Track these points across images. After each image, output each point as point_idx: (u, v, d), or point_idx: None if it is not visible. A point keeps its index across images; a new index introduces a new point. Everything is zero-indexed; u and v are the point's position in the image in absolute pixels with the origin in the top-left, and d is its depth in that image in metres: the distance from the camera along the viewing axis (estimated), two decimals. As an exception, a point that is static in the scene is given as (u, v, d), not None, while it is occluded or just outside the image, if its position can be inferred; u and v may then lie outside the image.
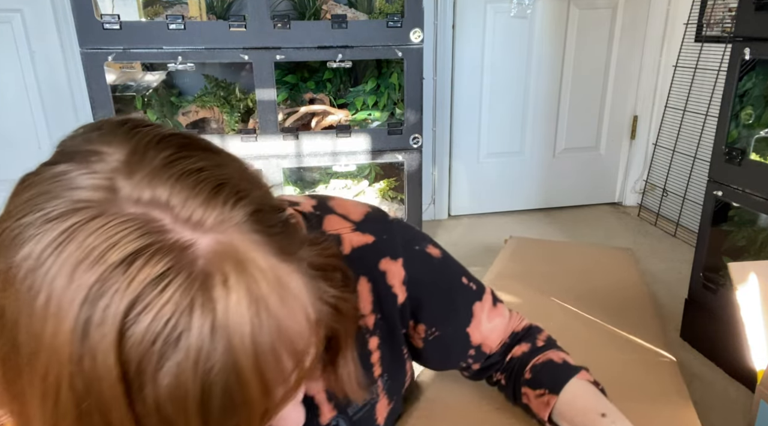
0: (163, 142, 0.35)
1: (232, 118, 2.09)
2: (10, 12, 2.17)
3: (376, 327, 0.60)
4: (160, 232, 0.31)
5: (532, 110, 2.73)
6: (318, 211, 0.58)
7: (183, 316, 0.30)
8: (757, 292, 1.01)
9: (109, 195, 0.32)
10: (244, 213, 0.34)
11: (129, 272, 0.30)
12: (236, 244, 0.33)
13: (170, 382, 0.30)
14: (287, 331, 0.33)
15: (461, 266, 0.67)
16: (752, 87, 1.48)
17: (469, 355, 0.67)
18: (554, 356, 0.67)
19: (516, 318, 0.72)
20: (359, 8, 2.14)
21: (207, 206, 0.33)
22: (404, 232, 0.61)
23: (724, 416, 1.40)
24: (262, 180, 0.40)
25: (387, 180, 2.32)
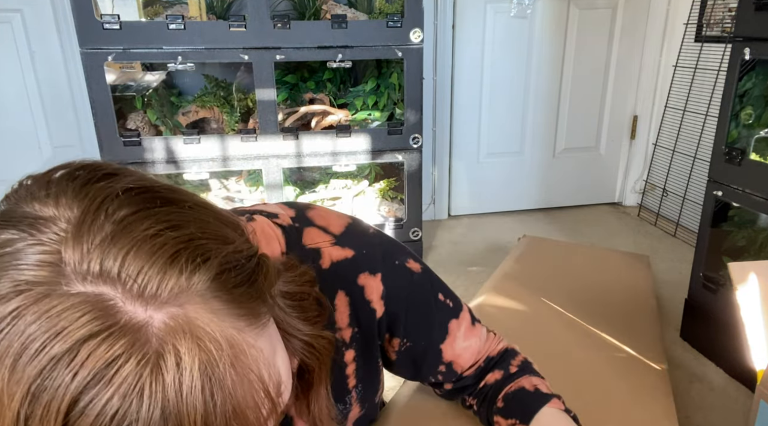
0: (117, 201, 0.33)
1: (232, 118, 2.09)
2: (10, 12, 2.17)
3: (353, 340, 0.60)
4: (109, 315, 0.29)
5: (532, 110, 2.73)
6: (297, 223, 0.57)
7: (131, 407, 0.28)
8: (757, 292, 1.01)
9: (55, 272, 0.30)
10: (205, 279, 0.32)
11: (74, 363, 0.28)
12: (192, 316, 0.31)
13: None
14: (243, 411, 0.32)
15: (440, 282, 0.67)
16: (752, 87, 1.47)
17: (440, 371, 0.67)
18: (526, 383, 0.66)
19: (493, 341, 0.71)
20: (359, 8, 2.14)
21: (163, 277, 0.31)
22: (384, 246, 0.60)
23: (724, 416, 1.40)
24: (232, 227, 0.37)
25: (387, 180, 2.32)
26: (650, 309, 1.40)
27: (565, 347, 1.12)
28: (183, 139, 1.88)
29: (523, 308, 1.29)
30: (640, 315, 1.36)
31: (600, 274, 1.61)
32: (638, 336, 1.21)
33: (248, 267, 0.36)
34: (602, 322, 1.26)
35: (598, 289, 1.48)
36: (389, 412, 0.78)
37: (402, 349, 0.63)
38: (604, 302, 1.38)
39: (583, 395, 0.91)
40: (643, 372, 1.07)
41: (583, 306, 1.33)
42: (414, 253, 0.66)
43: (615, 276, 1.61)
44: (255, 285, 0.36)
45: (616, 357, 1.12)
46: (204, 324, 0.31)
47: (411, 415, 0.76)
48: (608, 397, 0.95)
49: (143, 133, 2.01)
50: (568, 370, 1.00)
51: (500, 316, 1.24)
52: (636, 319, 1.33)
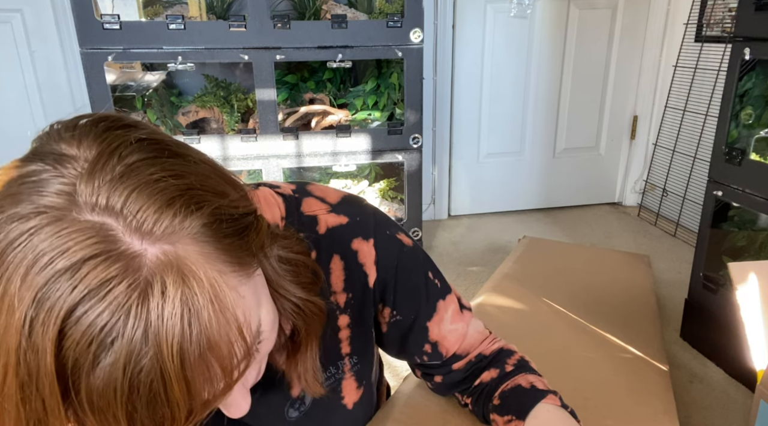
0: (129, 148, 0.37)
1: (232, 118, 2.09)
2: (10, 12, 2.17)
3: (347, 306, 0.62)
4: (109, 242, 0.34)
5: (532, 110, 2.73)
6: (297, 194, 0.61)
7: (118, 323, 0.33)
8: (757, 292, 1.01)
9: (68, 200, 0.34)
10: (196, 224, 0.36)
11: (74, 278, 0.32)
12: (182, 255, 0.35)
13: (101, 379, 0.33)
14: (217, 344, 0.36)
15: (430, 262, 0.69)
16: (752, 87, 1.48)
17: (425, 351, 0.68)
18: (522, 381, 0.67)
19: (487, 339, 0.72)
20: (359, 8, 2.14)
21: (159, 217, 0.35)
22: (378, 216, 0.64)
23: (724, 416, 1.40)
24: (232, 185, 0.41)
25: (387, 180, 2.32)
26: (650, 309, 1.40)
27: (565, 345, 1.12)
28: (183, 139, 1.88)
29: (523, 307, 1.29)
30: (641, 315, 1.36)
31: (600, 275, 1.61)
32: (638, 336, 1.21)
33: (241, 222, 0.40)
34: (602, 321, 1.26)
35: (599, 289, 1.48)
36: (391, 406, 0.78)
37: (392, 321, 0.65)
38: (604, 302, 1.38)
39: (583, 392, 0.91)
40: (644, 370, 1.07)
41: (584, 306, 1.33)
42: (406, 230, 0.68)
43: (615, 276, 1.61)
44: (245, 239, 0.39)
45: (617, 355, 1.12)
46: (191, 262, 0.35)
47: (411, 411, 0.76)
48: (608, 395, 0.95)
49: (143, 133, 2.00)
50: (568, 368, 1.00)
51: (500, 315, 1.24)
52: (636, 319, 1.33)
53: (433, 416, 0.75)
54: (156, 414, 0.35)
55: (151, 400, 0.34)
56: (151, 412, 0.34)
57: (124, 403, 0.33)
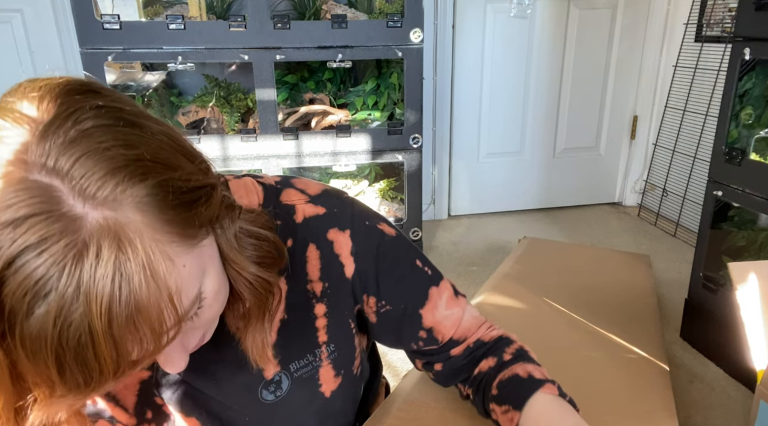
0: (86, 114, 0.38)
1: (232, 118, 2.09)
2: (10, 12, 2.17)
3: (324, 295, 0.63)
4: (53, 202, 0.35)
5: (532, 110, 2.73)
6: (279, 185, 0.63)
7: (52, 278, 0.35)
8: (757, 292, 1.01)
9: (21, 160, 0.36)
10: (139, 194, 0.38)
11: (16, 232, 0.35)
12: (121, 221, 0.37)
13: (34, 327, 0.35)
14: (146, 308, 0.38)
15: (418, 251, 0.69)
16: (752, 87, 1.48)
17: (420, 337, 0.68)
18: (520, 370, 0.66)
19: (484, 326, 0.72)
20: (359, 8, 2.14)
21: (103, 184, 0.37)
22: (357, 208, 0.64)
23: (724, 416, 1.40)
24: (189, 158, 0.43)
25: (387, 180, 2.32)
26: (651, 309, 1.40)
27: (565, 344, 1.13)
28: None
29: (523, 307, 1.29)
30: (641, 315, 1.35)
31: (600, 275, 1.61)
32: (639, 335, 1.21)
33: (190, 195, 0.41)
34: (603, 321, 1.26)
35: (599, 289, 1.48)
36: (390, 403, 0.78)
37: (381, 311, 0.65)
38: (604, 302, 1.38)
39: (583, 389, 0.91)
40: (644, 369, 1.07)
41: (584, 306, 1.33)
42: (390, 221, 0.68)
43: (615, 276, 1.61)
44: (193, 211, 0.41)
45: (617, 354, 1.12)
46: (129, 230, 0.37)
47: (410, 407, 0.76)
48: (608, 392, 0.95)
49: (143, 133, 2.00)
50: (569, 366, 1.00)
51: (500, 314, 1.25)
52: (637, 318, 1.33)
53: (432, 413, 0.75)
54: (84, 367, 0.37)
55: (79, 353, 0.36)
56: (79, 365, 0.37)
57: (53, 351, 0.36)
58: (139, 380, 0.59)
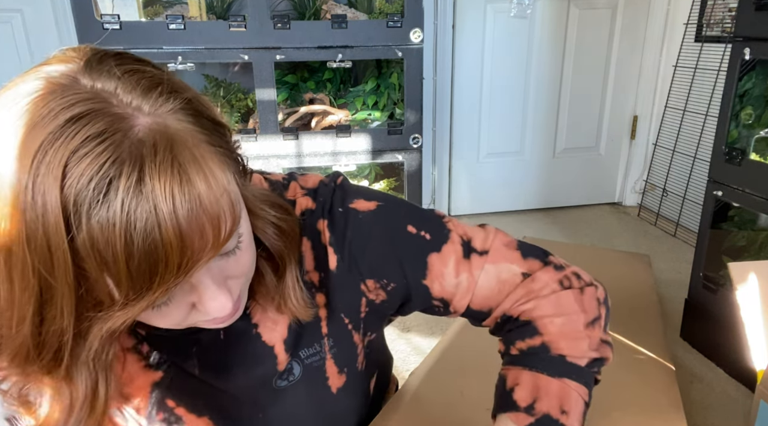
0: (119, 53, 0.44)
1: (232, 118, 2.09)
2: (10, 12, 2.17)
3: (321, 285, 0.62)
4: (106, 104, 0.39)
5: (532, 110, 2.73)
6: (286, 181, 0.65)
7: (115, 165, 0.37)
8: (757, 292, 1.01)
9: (71, 79, 0.40)
10: (179, 105, 0.42)
11: (75, 127, 0.37)
12: (170, 124, 0.40)
13: (102, 215, 0.36)
14: (205, 197, 0.40)
15: (412, 215, 0.63)
16: (752, 87, 1.48)
17: (436, 307, 0.64)
18: (510, 377, 0.60)
19: (518, 294, 0.61)
20: (359, 8, 2.14)
21: (146, 96, 0.41)
22: (337, 195, 0.63)
23: (724, 416, 1.40)
24: (212, 106, 0.47)
25: (387, 180, 2.33)
26: (652, 308, 1.40)
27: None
28: (183, 139, 1.88)
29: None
30: (642, 314, 1.36)
31: (600, 274, 1.61)
32: (641, 334, 1.22)
33: (218, 123, 0.46)
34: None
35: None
36: (397, 400, 0.78)
37: (389, 289, 0.62)
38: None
39: None
40: (649, 367, 1.07)
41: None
42: (379, 194, 0.64)
43: (615, 276, 1.61)
44: (223, 138, 0.45)
45: (621, 351, 1.12)
46: (178, 131, 0.40)
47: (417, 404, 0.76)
48: (614, 388, 0.95)
49: (143, 133, 2.00)
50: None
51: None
52: (638, 318, 1.33)
53: (438, 409, 0.75)
54: (151, 255, 0.38)
55: (146, 239, 0.37)
56: (147, 253, 0.38)
57: (122, 238, 0.37)
58: (151, 382, 0.59)
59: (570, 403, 0.56)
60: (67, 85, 0.39)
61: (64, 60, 0.43)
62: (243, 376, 0.61)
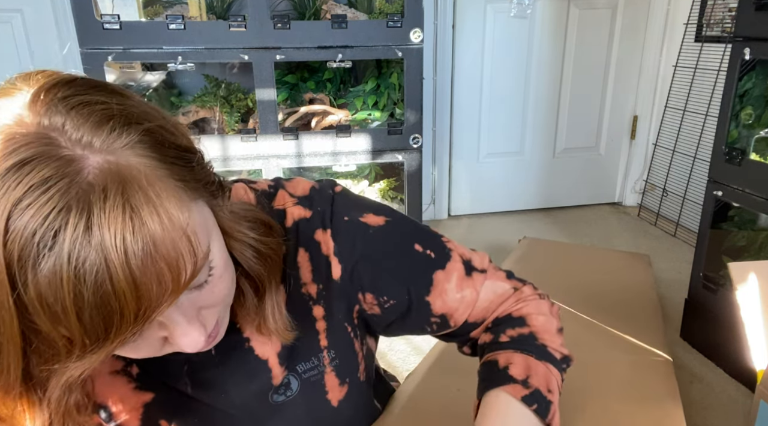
0: (76, 80, 0.41)
1: (232, 118, 2.09)
2: (10, 12, 2.17)
3: (320, 297, 0.61)
4: (53, 146, 0.36)
5: (532, 110, 2.73)
6: (272, 189, 0.62)
7: (61, 215, 0.35)
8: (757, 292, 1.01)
9: (17, 118, 0.38)
10: (133, 138, 0.39)
11: (17, 175, 0.35)
12: (123, 162, 0.38)
13: (48, 269, 0.34)
14: (161, 241, 0.37)
15: (418, 233, 0.65)
16: (752, 87, 1.48)
17: (433, 323, 0.65)
18: (503, 358, 0.61)
19: (509, 302, 0.66)
20: (359, 8, 2.14)
21: (97, 130, 0.38)
22: (339, 203, 0.62)
23: (724, 416, 1.40)
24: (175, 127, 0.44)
25: (387, 180, 2.32)
26: (652, 307, 1.40)
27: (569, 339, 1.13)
28: (183, 139, 1.88)
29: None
30: (642, 313, 1.36)
31: (601, 274, 1.61)
32: (641, 331, 1.22)
33: (185, 153, 0.43)
34: (604, 320, 1.26)
35: (599, 289, 1.48)
36: (393, 403, 0.78)
37: (386, 306, 0.62)
38: (605, 302, 1.39)
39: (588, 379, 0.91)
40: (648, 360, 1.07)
41: (584, 304, 1.33)
42: (385, 208, 0.65)
43: (615, 276, 1.61)
44: (188, 166, 0.42)
45: (620, 346, 1.12)
46: (131, 171, 0.38)
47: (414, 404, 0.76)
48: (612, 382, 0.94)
49: (143, 133, 2.00)
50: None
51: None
52: (638, 316, 1.33)
53: (435, 412, 0.75)
54: (104, 308, 0.36)
55: (97, 291, 0.35)
56: (99, 307, 0.36)
57: (71, 292, 0.35)
58: (142, 404, 0.58)
59: (552, 385, 0.61)
60: (9, 126, 0.37)
61: (10, 92, 0.40)
62: (237, 392, 0.60)
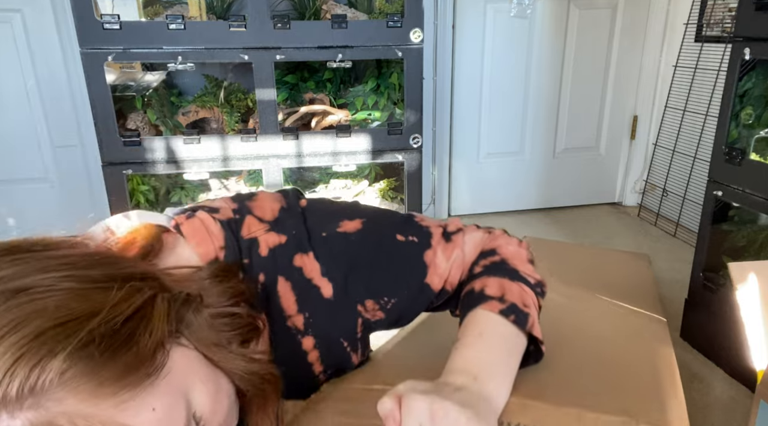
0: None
1: (232, 118, 2.09)
2: (10, 12, 2.17)
3: (308, 326, 0.59)
4: None
5: (532, 110, 2.73)
6: (238, 215, 0.58)
7: None
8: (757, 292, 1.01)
9: None
10: (56, 372, 0.32)
11: None
12: (49, 418, 0.32)
13: None
14: None
15: (397, 224, 0.64)
16: (752, 87, 1.48)
17: (435, 297, 0.65)
18: (478, 284, 0.62)
19: (483, 243, 0.68)
20: (359, 8, 2.14)
21: (11, 379, 0.31)
22: (314, 219, 0.61)
23: (724, 416, 1.40)
24: (106, 288, 0.37)
25: (387, 180, 2.32)
26: (653, 308, 1.40)
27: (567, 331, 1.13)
28: (183, 139, 1.88)
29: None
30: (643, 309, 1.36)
31: (601, 274, 1.61)
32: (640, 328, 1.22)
33: (123, 331, 0.36)
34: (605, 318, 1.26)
35: (599, 289, 1.48)
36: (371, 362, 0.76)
37: (388, 307, 0.62)
38: (604, 294, 1.39)
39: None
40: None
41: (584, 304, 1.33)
42: (355, 208, 0.64)
43: (616, 276, 1.61)
44: (134, 348, 0.36)
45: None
46: (63, 421, 0.32)
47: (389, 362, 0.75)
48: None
49: (143, 133, 2.01)
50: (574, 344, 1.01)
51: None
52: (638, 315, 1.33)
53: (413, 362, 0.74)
54: None
55: None
56: None
57: None
58: None
59: (528, 301, 0.61)
60: None
61: None
62: None
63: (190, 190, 2.20)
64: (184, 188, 2.20)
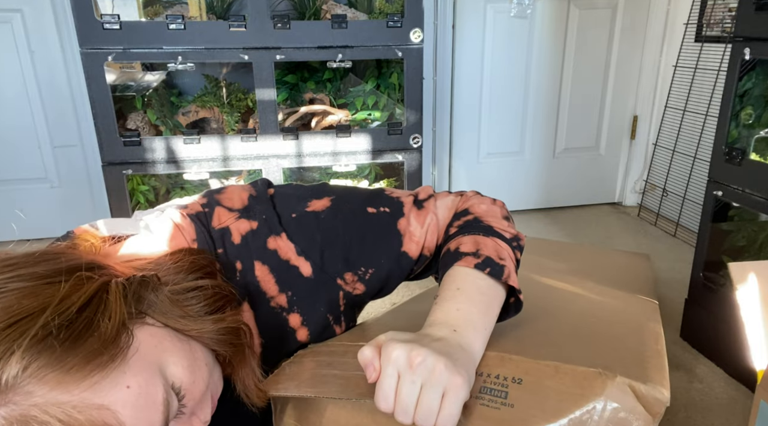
0: None
1: (232, 118, 2.09)
2: (10, 12, 2.17)
3: (292, 304, 0.61)
4: None
5: (532, 110, 2.73)
6: (207, 208, 0.60)
7: None
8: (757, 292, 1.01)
9: None
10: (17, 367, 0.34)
11: None
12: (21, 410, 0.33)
13: None
14: None
15: (366, 197, 0.66)
16: (752, 87, 1.48)
17: (415, 264, 0.67)
18: (453, 244, 0.63)
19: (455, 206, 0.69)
20: (359, 8, 2.14)
21: None
22: (280, 204, 0.62)
23: (724, 416, 1.40)
24: (57, 281, 0.38)
25: (387, 180, 2.32)
26: (652, 308, 1.40)
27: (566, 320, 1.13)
28: (183, 139, 1.88)
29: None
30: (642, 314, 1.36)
31: (601, 274, 1.61)
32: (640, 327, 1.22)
33: (80, 320, 0.37)
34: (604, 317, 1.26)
35: (599, 289, 1.48)
36: None
37: (366, 278, 0.63)
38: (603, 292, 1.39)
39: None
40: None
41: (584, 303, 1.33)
42: (322, 188, 0.65)
43: (616, 276, 1.61)
44: (95, 334, 0.37)
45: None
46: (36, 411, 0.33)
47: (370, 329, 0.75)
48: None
49: (143, 133, 2.01)
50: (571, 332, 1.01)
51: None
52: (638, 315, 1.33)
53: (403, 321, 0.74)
54: None
55: None
56: None
57: None
58: None
59: (504, 254, 0.62)
60: None
61: None
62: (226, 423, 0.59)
63: (190, 190, 2.20)
64: (184, 188, 2.20)
